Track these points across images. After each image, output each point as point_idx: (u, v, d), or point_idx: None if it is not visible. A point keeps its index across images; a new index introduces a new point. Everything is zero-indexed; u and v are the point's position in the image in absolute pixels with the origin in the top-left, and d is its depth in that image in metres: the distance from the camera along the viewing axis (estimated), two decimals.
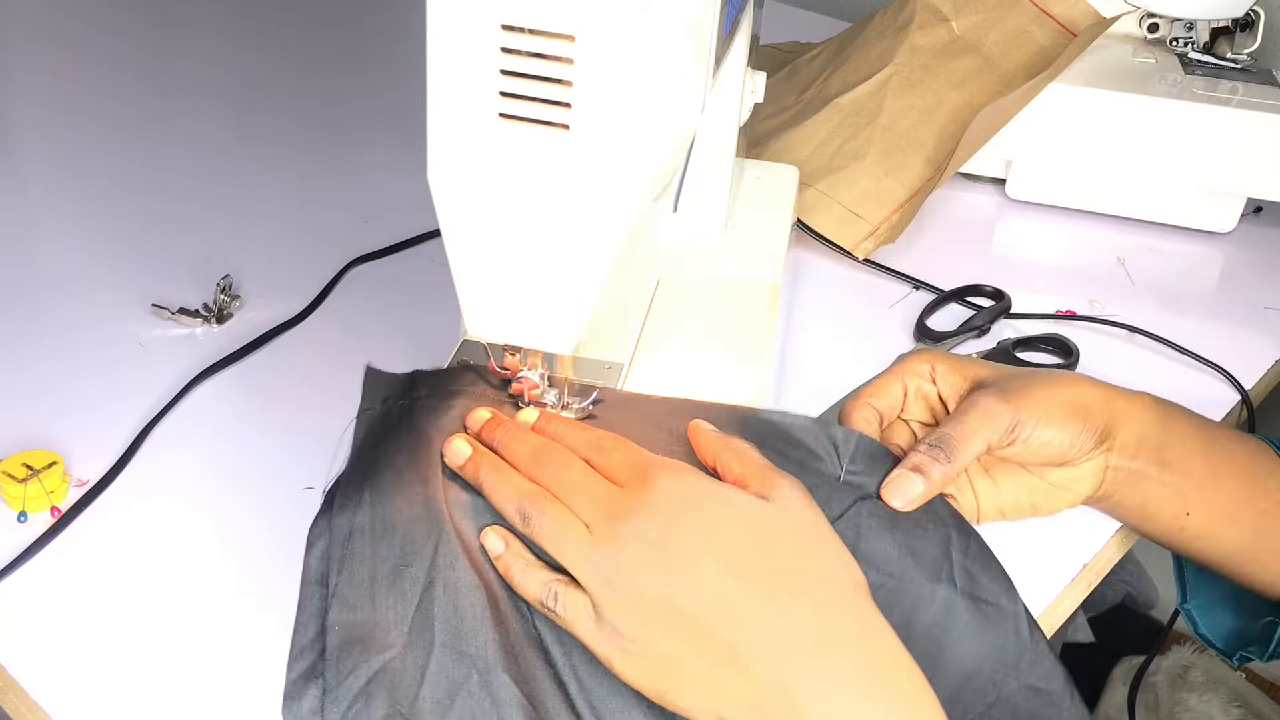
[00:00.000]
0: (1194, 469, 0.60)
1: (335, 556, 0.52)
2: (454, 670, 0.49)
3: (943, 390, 0.62)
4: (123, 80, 1.22)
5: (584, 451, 0.53)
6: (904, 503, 0.55)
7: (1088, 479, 0.61)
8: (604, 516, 0.49)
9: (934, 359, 0.62)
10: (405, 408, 0.58)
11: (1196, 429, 0.61)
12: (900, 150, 0.97)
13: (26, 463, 0.66)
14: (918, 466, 0.55)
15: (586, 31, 0.43)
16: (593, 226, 0.48)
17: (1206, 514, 0.60)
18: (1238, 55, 1.03)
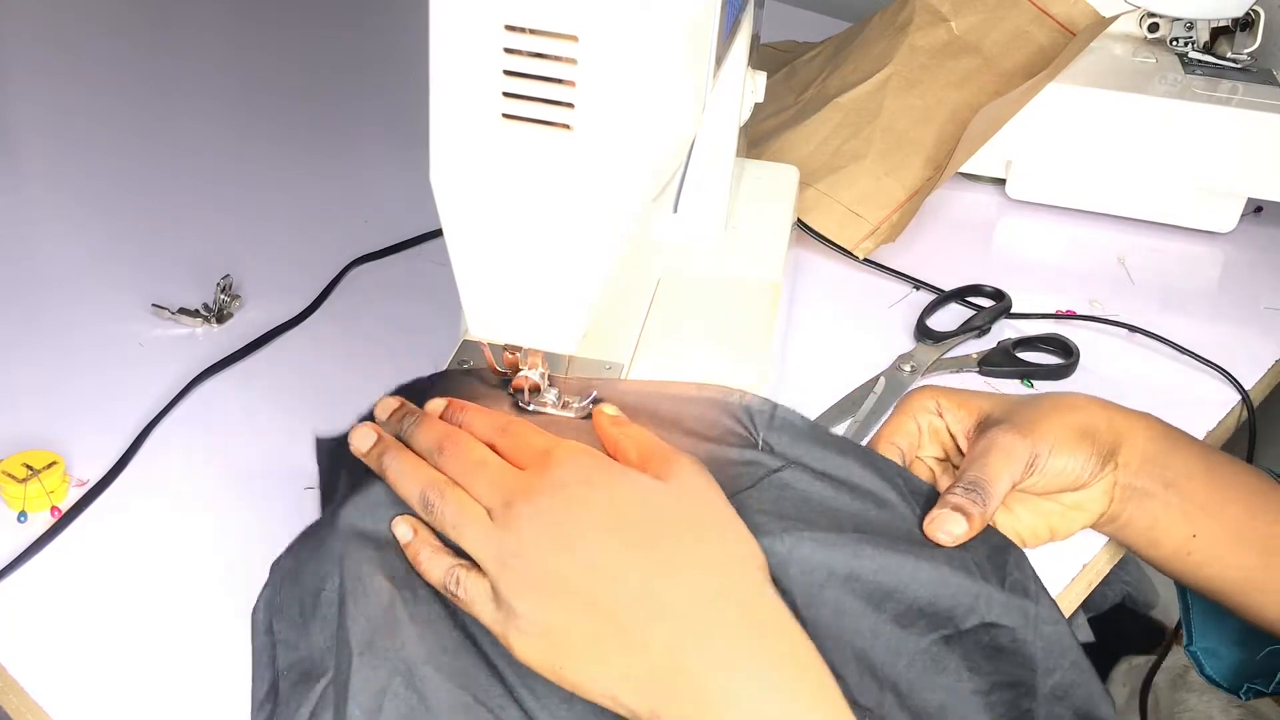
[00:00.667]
0: (1198, 490, 0.60)
1: (274, 601, 0.52)
2: (374, 677, 0.48)
3: (951, 426, 0.62)
4: (123, 80, 1.22)
5: (488, 436, 0.54)
6: (950, 539, 0.56)
7: (1100, 497, 0.61)
8: (502, 500, 0.50)
9: (936, 395, 0.63)
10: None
11: (1199, 452, 0.62)
12: (900, 150, 0.97)
13: (26, 463, 0.66)
14: (960, 506, 0.56)
15: (589, 32, 0.43)
16: (595, 226, 0.48)
17: (1212, 536, 0.60)
18: (1238, 55, 1.03)
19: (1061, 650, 0.54)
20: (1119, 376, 0.82)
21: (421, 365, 0.63)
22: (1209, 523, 0.60)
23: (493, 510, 0.50)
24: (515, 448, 0.53)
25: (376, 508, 0.53)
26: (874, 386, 0.78)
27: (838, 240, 0.91)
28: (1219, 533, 0.60)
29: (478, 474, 0.51)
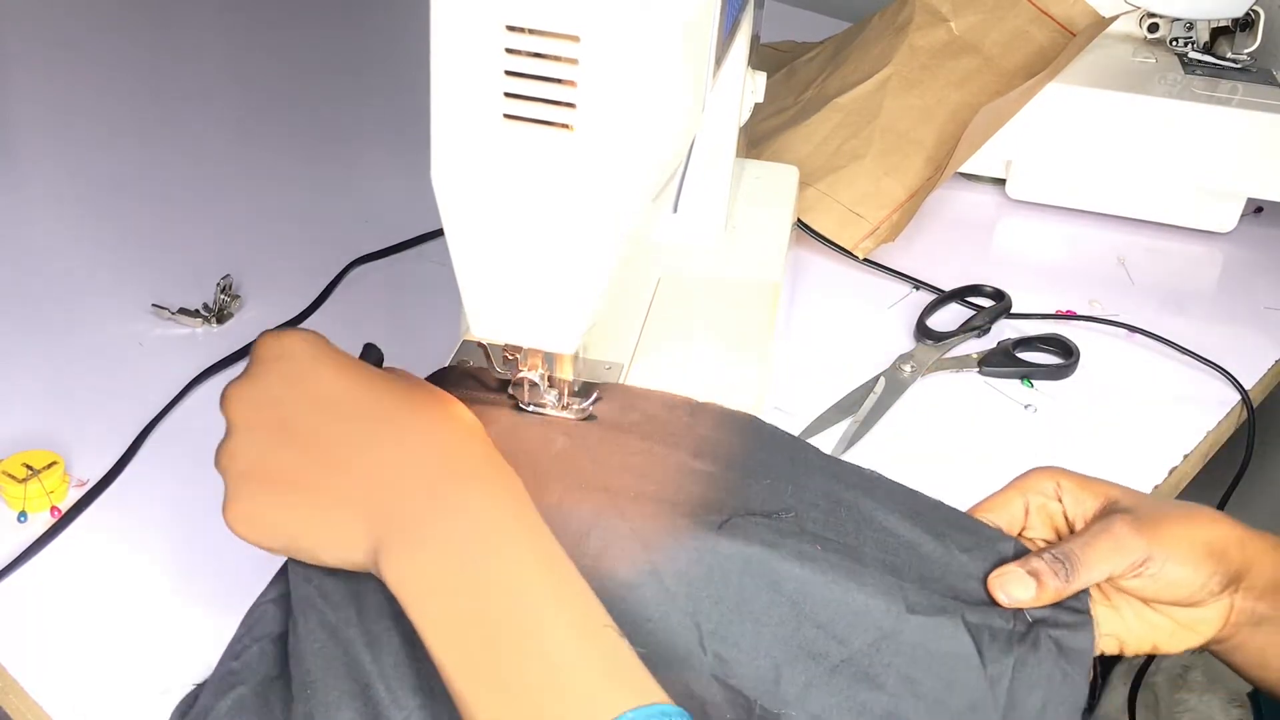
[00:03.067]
0: None
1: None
2: (217, 697, 0.50)
3: (1070, 510, 0.59)
4: (123, 80, 1.22)
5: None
6: (1008, 600, 0.54)
7: (1215, 620, 0.58)
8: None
9: (1061, 476, 0.60)
10: None
11: None
12: (900, 150, 0.97)
13: (26, 463, 0.66)
14: (1035, 572, 0.54)
15: (591, 32, 0.43)
16: (597, 226, 0.48)
17: None
18: (1238, 55, 1.03)
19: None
20: (1119, 376, 0.82)
21: (422, 365, 0.63)
22: None
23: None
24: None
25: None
26: (874, 386, 0.78)
27: (838, 240, 0.91)
28: None
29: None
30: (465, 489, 0.48)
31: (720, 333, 0.68)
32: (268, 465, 0.49)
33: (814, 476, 0.58)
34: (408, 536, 0.46)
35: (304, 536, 0.49)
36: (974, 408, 0.78)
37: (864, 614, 0.52)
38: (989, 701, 0.51)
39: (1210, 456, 0.79)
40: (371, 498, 0.48)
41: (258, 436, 0.50)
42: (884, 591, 0.52)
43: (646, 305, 0.70)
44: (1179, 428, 0.77)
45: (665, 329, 0.68)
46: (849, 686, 0.51)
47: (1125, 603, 0.58)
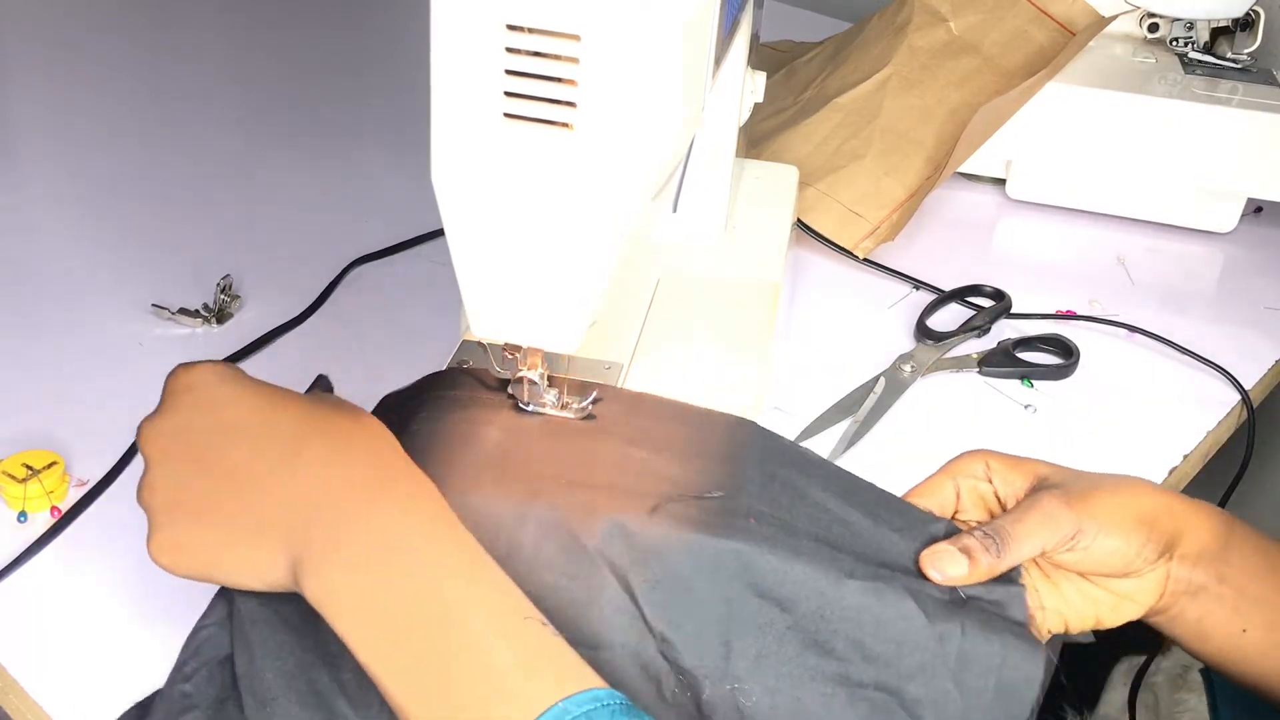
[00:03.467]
0: (1252, 585, 0.58)
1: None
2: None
3: (1000, 490, 0.60)
4: (123, 80, 1.22)
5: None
6: (941, 577, 0.54)
7: (1151, 588, 0.58)
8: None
9: (990, 457, 0.60)
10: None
11: (1258, 544, 0.59)
12: (900, 150, 0.97)
13: (26, 463, 0.66)
14: (967, 549, 0.55)
15: (591, 31, 0.43)
16: (597, 225, 0.48)
17: (1264, 632, 0.58)
18: (1238, 55, 1.03)
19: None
20: (1119, 376, 0.82)
21: (422, 365, 0.63)
22: (1262, 618, 0.58)
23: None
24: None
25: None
26: (874, 386, 0.78)
27: (838, 240, 0.91)
28: (1270, 628, 0.58)
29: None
30: (377, 500, 0.49)
31: (720, 333, 0.68)
32: (184, 495, 0.50)
33: (749, 454, 0.58)
34: (324, 552, 0.47)
35: (223, 563, 0.50)
36: (974, 408, 0.78)
37: (804, 581, 0.51)
38: (939, 662, 0.51)
39: (1210, 456, 0.79)
40: (286, 519, 0.49)
41: (173, 468, 0.51)
42: (821, 560, 0.52)
43: (646, 305, 0.70)
44: (1179, 428, 0.77)
45: (665, 329, 0.68)
46: (799, 654, 0.51)
47: (1065, 579, 0.59)
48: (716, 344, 0.67)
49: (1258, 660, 0.59)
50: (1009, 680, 0.52)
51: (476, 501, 0.51)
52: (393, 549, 0.47)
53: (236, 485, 0.50)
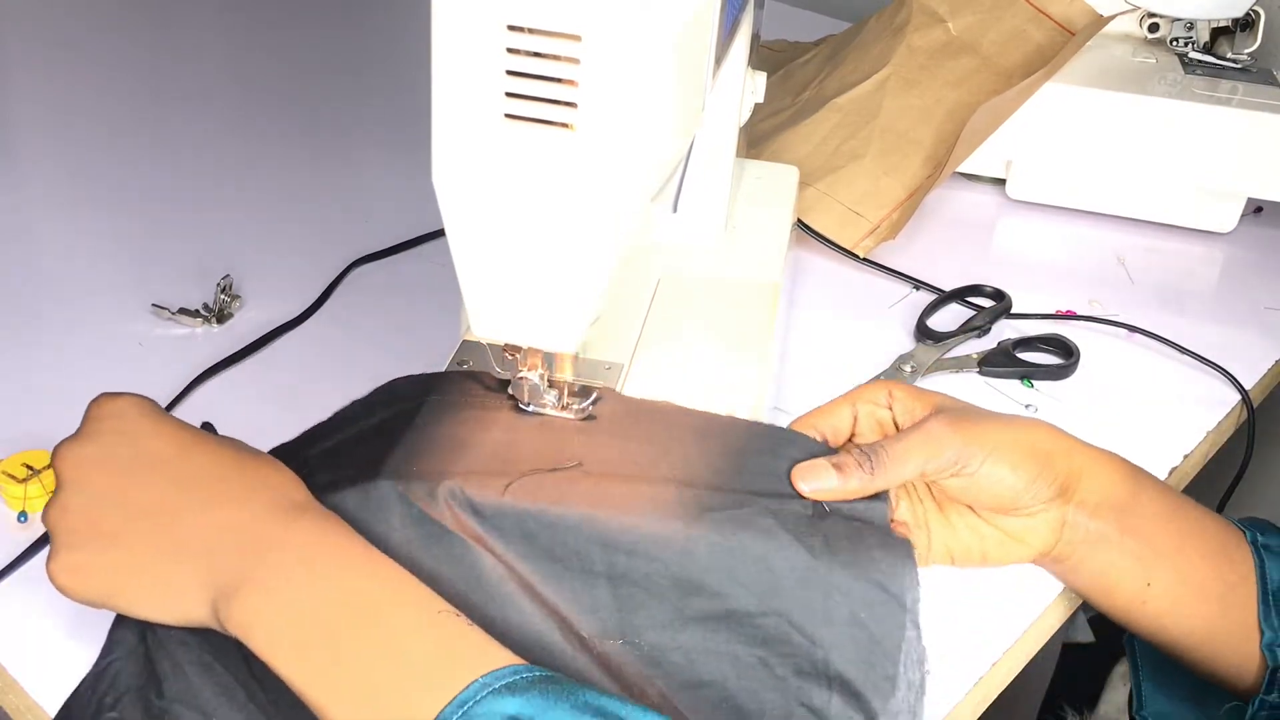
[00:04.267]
0: (1159, 537, 0.58)
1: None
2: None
3: (899, 417, 0.59)
4: (123, 80, 1.22)
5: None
6: (809, 489, 0.54)
7: (1043, 531, 0.58)
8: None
9: (894, 386, 0.60)
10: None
11: (1164, 497, 0.59)
12: (899, 149, 0.97)
13: (26, 463, 0.66)
14: (839, 465, 0.54)
15: (592, 31, 0.43)
16: (598, 225, 0.48)
17: (1170, 585, 0.58)
18: (1238, 55, 1.03)
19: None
20: (1119, 376, 0.82)
21: (422, 365, 0.63)
22: (1167, 571, 0.57)
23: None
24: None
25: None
26: None
27: (838, 240, 0.91)
28: (1179, 581, 0.57)
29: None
30: (293, 525, 0.50)
31: (720, 333, 0.68)
32: (98, 520, 0.51)
33: (614, 423, 0.58)
34: (246, 576, 0.48)
35: (127, 590, 0.50)
36: None
37: (658, 530, 0.52)
38: (818, 572, 0.51)
39: (1210, 456, 0.79)
40: (207, 551, 0.49)
41: (90, 493, 0.51)
42: (678, 501, 0.52)
43: (646, 305, 0.70)
44: (1179, 428, 0.77)
45: (665, 329, 0.68)
46: (679, 599, 0.51)
47: (955, 513, 0.59)
48: (716, 344, 0.67)
49: (1162, 616, 0.59)
50: (881, 579, 0.52)
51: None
52: (310, 565, 0.49)
53: (156, 516, 0.50)
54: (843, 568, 0.51)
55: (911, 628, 0.51)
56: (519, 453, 0.56)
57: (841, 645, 0.50)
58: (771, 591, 0.51)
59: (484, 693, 0.43)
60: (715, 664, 0.51)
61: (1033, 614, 0.63)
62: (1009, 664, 0.61)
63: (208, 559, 0.49)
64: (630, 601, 0.51)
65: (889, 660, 0.50)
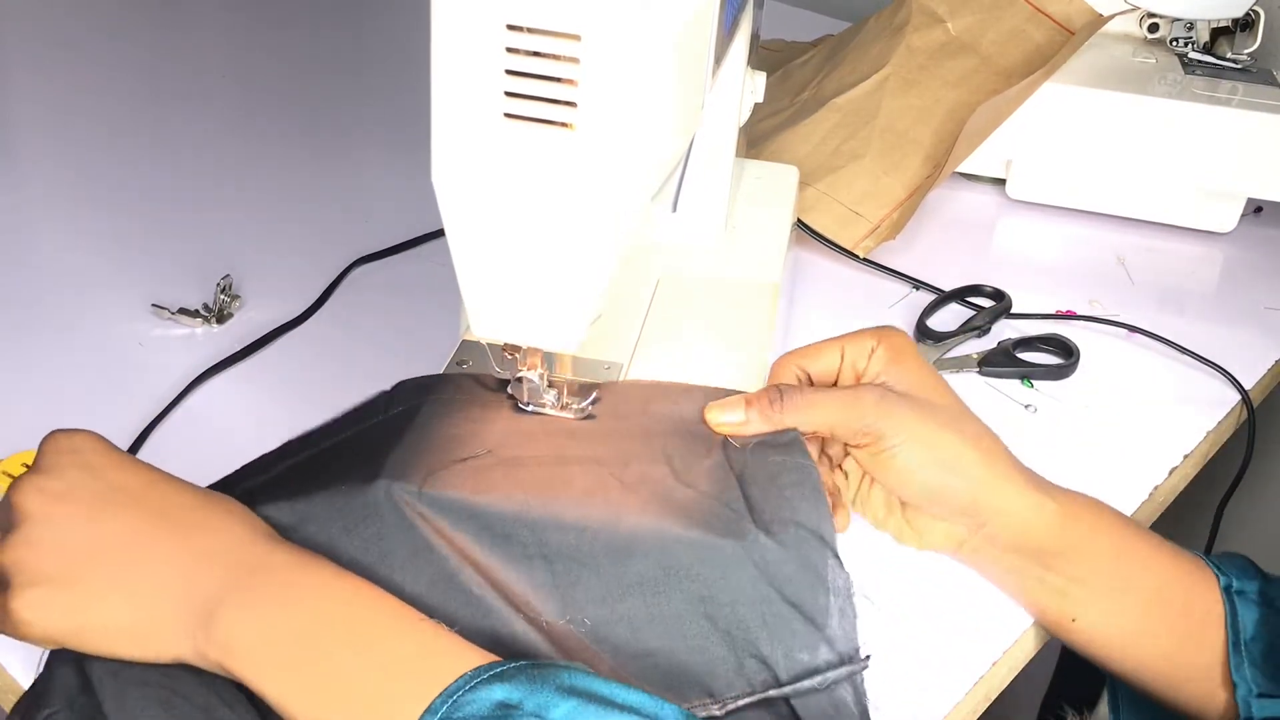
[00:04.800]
0: (1091, 579, 0.57)
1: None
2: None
3: (868, 372, 0.59)
4: (123, 80, 1.22)
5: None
6: (715, 421, 0.56)
7: (941, 539, 0.59)
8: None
9: (884, 340, 0.59)
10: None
11: (1109, 540, 0.58)
12: (899, 149, 0.97)
13: (26, 463, 0.66)
14: (750, 401, 0.56)
15: (592, 31, 0.44)
16: (598, 224, 0.48)
17: (1103, 620, 0.57)
18: (1238, 55, 1.03)
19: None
20: (1119, 376, 0.82)
21: (422, 366, 0.63)
22: (1098, 611, 0.57)
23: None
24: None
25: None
26: None
27: (838, 240, 0.91)
28: (1110, 619, 0.57)
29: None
30: (273, 549, 0.50)
31: (720, 333, 0.68)
32: (66, 555, 0.50)
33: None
34: (225, 602, 0.48)
35: (96, 628, 0.49)
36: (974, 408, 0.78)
37: (584, 508, 0.53)
38: (740, 523, 0.52)
39: (1210, 456, 0.79)
40: (185, 581, 0.49)
41: (56, 527, 0.50)
42: (595, 473, 0.54)
43: (646, 305, 0.70)
44: (1179, 428, 0.77)
45: (665, 329, 0.68)
46: (613, 566, 0.52)
47: (876, 486, 0.59)
48: (716, 344, 0.67)
49: (1094, 645, 0.59)
50: (798, 518, 0.53)
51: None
52: (291, 585, 0.49)
53: (129, 548, 0.50)
54: (761, 512, 0.53)
55: (833, 557, 0.52)
56: (506, 448, 0.56)
57: (773, 589, 0.52)
58: (700, 545, 0.52)
59: (473, 682, 0.43)
60: (661, 629, 0.51)
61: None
62: (1009, 664, 0.61)
63: (185, 587, 0.49)
64: (567, 577, 0.52)
65: (820, 593, 0.52)
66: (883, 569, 0.62)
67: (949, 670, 0.59)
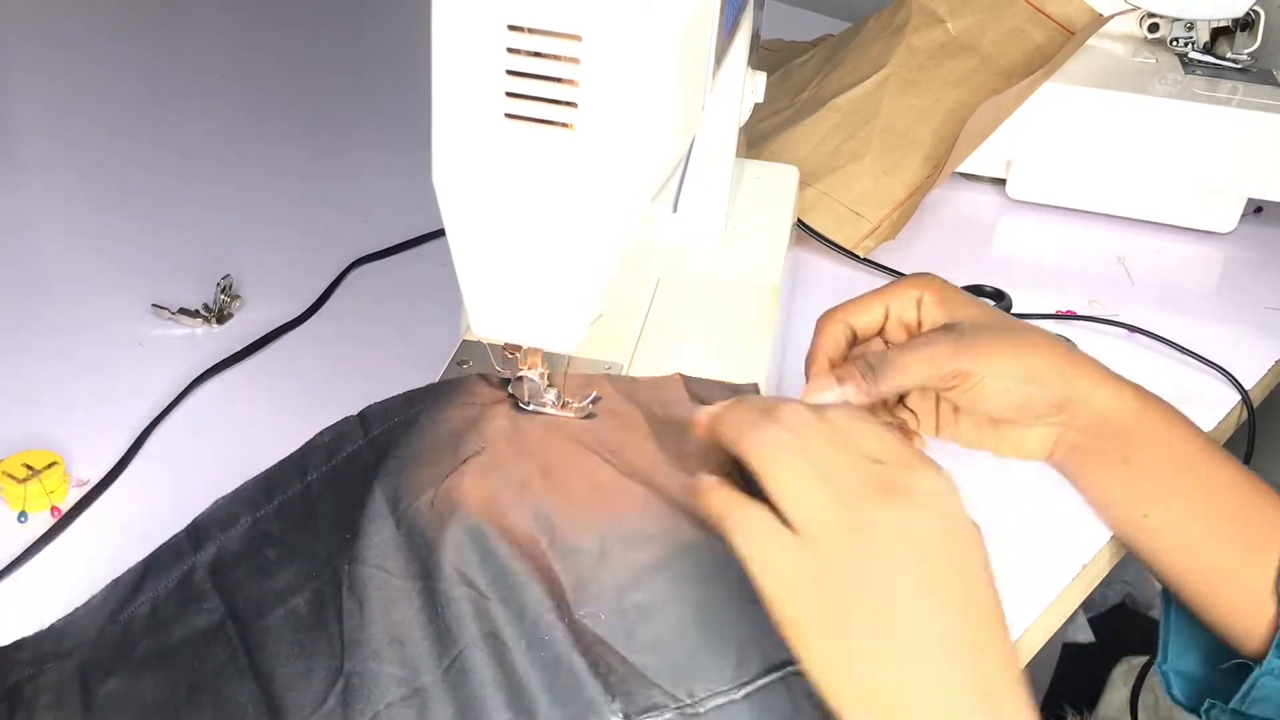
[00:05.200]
0: (1160, 477, 0.58)
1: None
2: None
3: (925, 321, 0.60)
4: (123, 80, 1.22)
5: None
6: (813, 399, 0.56)
7: (1039, 445, 0.60)
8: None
9: (927, 287, 0.61)
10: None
11: (1183, 440, 0.59)
12: (899, 149, 0.97)
13: (26, 463, 0.66)
14: (843, 379, 0.56)
15: (592, 31, 0.44)
16: (599, 225, 0.48)
17: (1167, 525, 0.59)
18: (1238, 55, 1.03)
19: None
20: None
21: (422, 365, 0.63)
22: (1165, 512, 0.58)
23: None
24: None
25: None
26: None
27: (838, 240, 0.91)
28: (1175, 526, 0.59)
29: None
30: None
31: (720, 333, 0.68)
32: None
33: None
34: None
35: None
36: None
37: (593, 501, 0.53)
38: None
39: None
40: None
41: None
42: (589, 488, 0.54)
43: (646, 305, 0.70)
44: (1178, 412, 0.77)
45: (665, 329, 0.68)
46: (624, 561, 0.52)
47: (959, 411, 0.61)
48: (716, 344, 0.67)
49: (1159, 550, 0.60)
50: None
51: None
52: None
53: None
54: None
55: None
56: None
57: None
58: (708, 541, 0.51)
59: None
60: (675, 621, 0.51)
61: (1033, 614, 0.63)
62: None
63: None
64: (580, 574, 0.51)
65: None
66: None
67: None
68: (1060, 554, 0.66)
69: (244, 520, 0.58)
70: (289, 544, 0.56)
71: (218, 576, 0.56)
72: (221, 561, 0.57)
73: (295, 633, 0.52)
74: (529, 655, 0.50)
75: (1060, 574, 0.65)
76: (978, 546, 0.47)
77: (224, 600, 0.55)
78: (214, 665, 0.53)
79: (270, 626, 0.53)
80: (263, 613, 0.54)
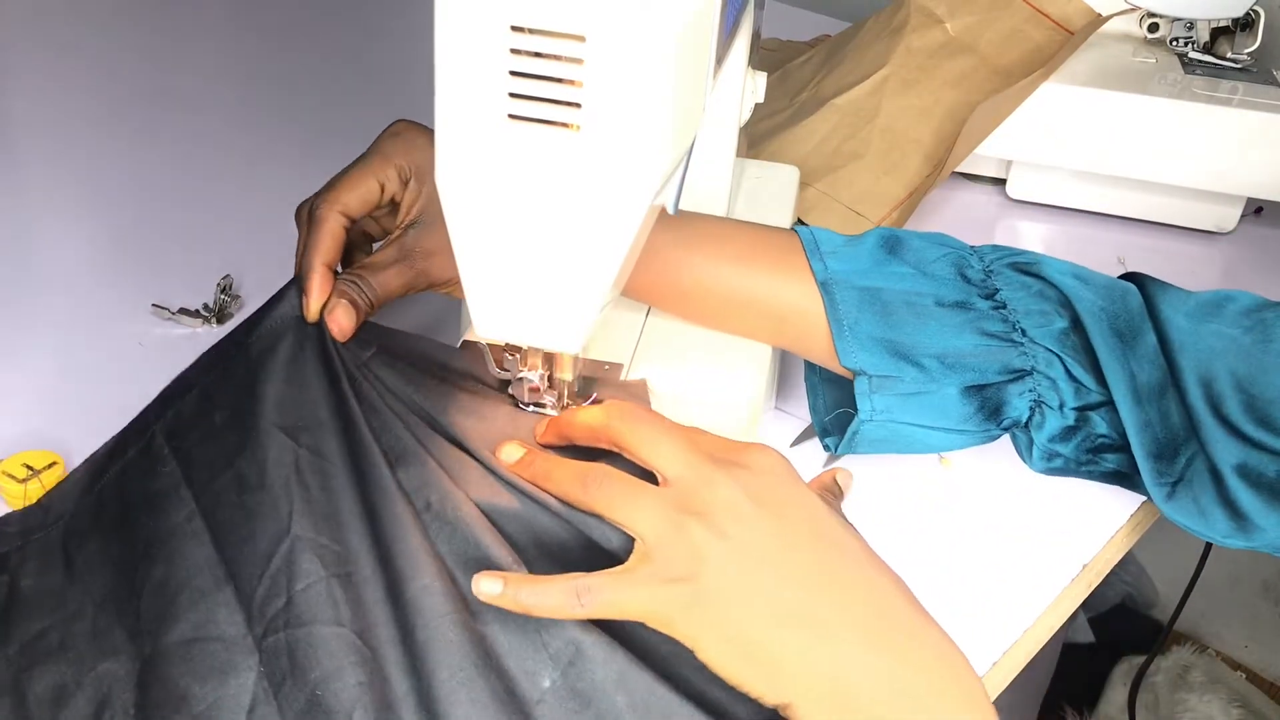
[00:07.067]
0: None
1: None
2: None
3: (403, 206, 0.64)
4: (123, 80, 1.22)
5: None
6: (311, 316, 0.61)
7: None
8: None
9: (410, 159, 0.64)
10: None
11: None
12: (898, 149, 0.97)
13: (26, 463, 0.66)
14: (343, 293, 0.62)
15: (595, 31, 0.44)
16: (602, 226, 0.48)
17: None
18: (1238, 55, 1.03)
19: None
20: None
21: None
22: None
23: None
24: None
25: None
26: None
27: None
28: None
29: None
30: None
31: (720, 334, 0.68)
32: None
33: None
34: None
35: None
36: None
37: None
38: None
39: None
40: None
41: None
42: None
43: (647, 306, 0.70)
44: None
45: (665, 329, 0.68)
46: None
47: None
48: (717, 344, 0.67)
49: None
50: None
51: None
52: None
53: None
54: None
55: None
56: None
57: None
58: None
59: None
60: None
61: (1033, 613, 0.63)
62: (1009, 664, 0.61)
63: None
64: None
65: None
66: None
67: None
68: (1060, 554, 0.66)
69: (196, 387, 0.61)
70: (233, 409, 0.58)
71: (174, 441, 0.59)
72: (178, 425, 0.60)
73: (242, 494, 0.54)
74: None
75: (1060, 574, 0.65)
76: (814, 499, 0.51)
77: (179, 463, 0.57)
78: (169, 526, 0.55)
79: (219, 490, 0.55)
80: (214, 475, 0.56)
